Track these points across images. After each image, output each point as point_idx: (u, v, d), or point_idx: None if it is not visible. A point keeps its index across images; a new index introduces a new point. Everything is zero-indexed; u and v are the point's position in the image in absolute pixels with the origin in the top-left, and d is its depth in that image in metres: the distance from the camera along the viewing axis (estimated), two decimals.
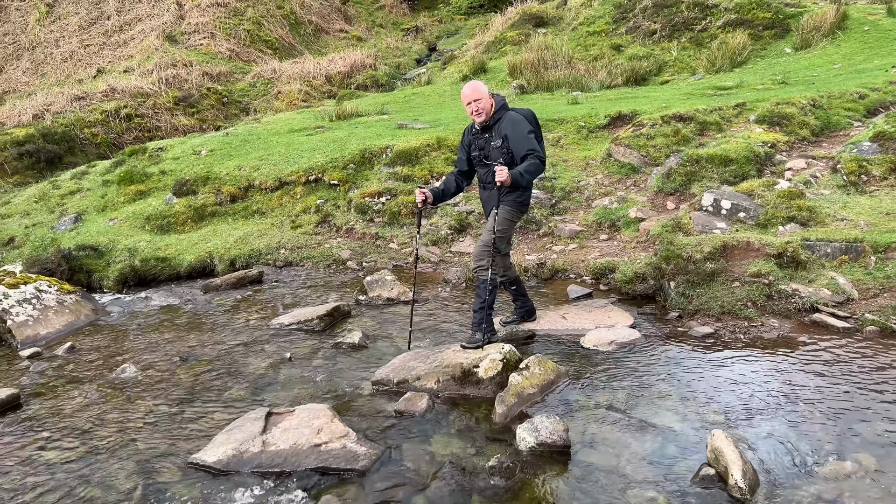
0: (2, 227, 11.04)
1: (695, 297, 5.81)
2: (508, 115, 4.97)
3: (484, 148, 5.05)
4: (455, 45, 24.81)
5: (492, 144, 4.98)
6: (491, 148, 4.99)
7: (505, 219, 5.09)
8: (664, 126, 9.34)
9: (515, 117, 4.95)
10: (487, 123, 4.98)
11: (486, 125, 4.99)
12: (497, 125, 4.96)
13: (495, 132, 4.97)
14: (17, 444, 4.41)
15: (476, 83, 4.99)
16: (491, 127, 4.99)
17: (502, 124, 4.94)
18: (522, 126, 4.91)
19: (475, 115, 4.95)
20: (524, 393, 4.44)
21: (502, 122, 4.94)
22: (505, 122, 4.93)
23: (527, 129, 4.91)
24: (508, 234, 5.28)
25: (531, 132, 4.93)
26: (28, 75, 24.71)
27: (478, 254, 5.13)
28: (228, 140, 12.91)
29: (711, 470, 3.48)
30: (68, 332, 6.79)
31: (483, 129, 5.02)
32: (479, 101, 4.88)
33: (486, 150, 5.03)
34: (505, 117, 4.96)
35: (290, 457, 3.92)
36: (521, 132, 4.88)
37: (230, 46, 24.80)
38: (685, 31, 16.47)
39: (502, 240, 5.17)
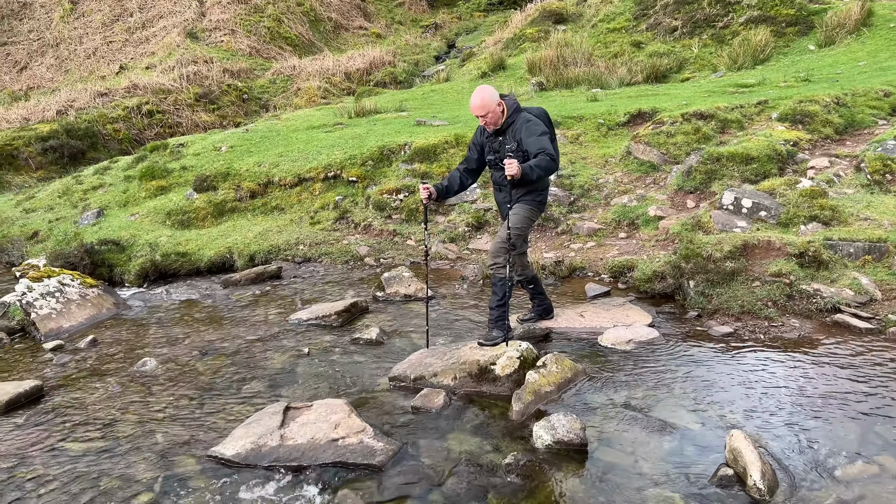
0: (26, 221, 11.21)
1: (714, 296, 5.77)
2: (521, 117, 4.89)
3: (499, 151, 4.99)
4: (474, 42, 24.77)
5: (507, 148, 4.91)
6: (506, 151, 4.90)
7: (523, 216, 5.05)
8: (685, 124, 9.27)
9: (529, 119, 4.88)
10: (501, 128, 4.93)
11: (500, 129, 4.94)
12: (511, 128, 4.90)
13: (510, 135, 4.91)
14: (40, 434, 4.48)
15: (484, 93, 4.82)
16: (505, 130, 4.93)
17: (516, 127, 4.87)
18: (535, 127, 4.85)
19: (486, 125, 4.93)
20: (541, 391, 4.44)
21: (516, 125, 4.87)
22: (519, 124, 4.86)
23: (540, 129, 4.85)
24: (525, 232, 5.22)
25: (544, 133, 4.85)
26: (52, 72, 25.04)
27: (494, 251, 5.08)
28: (248, 136, 12.99)
29: (730, 470, 3.46)
30: (90, 325, 6.88)
31: (496, 133, 4.97)
32: (486, 116, 4.84)
33: (500, 153, 4.96)
34: (518, 120, 4.88)
35: (307, 451, 3.95)
36: (534, 132, 4.82)
37: (250, 43, 24.96)
38: (707, 28, 16.30)
39: (519, 237, 5.12)
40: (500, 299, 5.07)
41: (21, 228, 10.85)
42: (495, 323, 5.07)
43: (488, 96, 4.81)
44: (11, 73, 25.66)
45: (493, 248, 5.14)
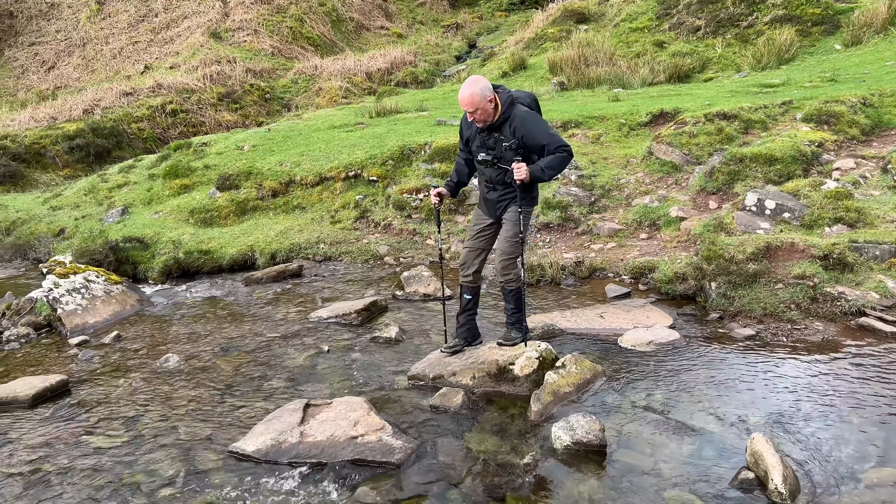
0: (53, 218, 11.39)
1: (736, 298, 5.71)
2: (518, 111, 4.38)
3: (493, 148, 4.47)
4: (495, 41, 24.75)
5: (504, 146, 4.41)
6: (503, 150, 4.43)
7: (523, 223, 4.65)
8: (707, 124, 9.18)
9: (528, 115, 4.40)
10: (494, 124, 4.40)
11: (494, 125, 4.41)
12: (508, 124, 4.38)
13: (507, 131, 4.39)
14: (65, 428, 4.56)
15: (474, 87, 4.22)
16: (500, 126, 4.41)
17: (515, 123, 4.36)
18: (541, 124, 4.42)
19: (475, 122, 4.41)
20: (560, 391, 4.43)
21: (514, 121, 4.36)
22: (517, 120, 4.36)
23: (546, 126, 4.45)
24: (525, 236, 4.80)
25: (549, 125, 4.48)
26: (79, 71, 25.43)
27: (503, 266, 4.71)
28: (270, 136, 13.10)
29: (751, 474, 3.43)
30: (115, 321, 6.98)
31: (490, 128, 4.43)
32: (475, 113, 4.30)
33: (496, 150, 4.46)
34: (516, 115, 4.36)
35: (326, 448, 3.98)
36: (543, 130, 4.38)
37: (273, 43, 25.15)
38: (730, 28, 16.14)
39: (519, 244, 4.71)
40: (515, 307, 4.86)
41: (48, 226, 11.04)
42: (513, 325, 4.94)
43: (478, 91, 4.22)
44: (39, 72, 26.10)
45: (499, 263, 4.73)
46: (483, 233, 4.86)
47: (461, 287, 4.99)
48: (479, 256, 4.89)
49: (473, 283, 4.94)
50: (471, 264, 4.89)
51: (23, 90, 25.03)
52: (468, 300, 4.99)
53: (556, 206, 8.38)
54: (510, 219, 4.66)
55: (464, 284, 4.95)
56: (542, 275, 7.06)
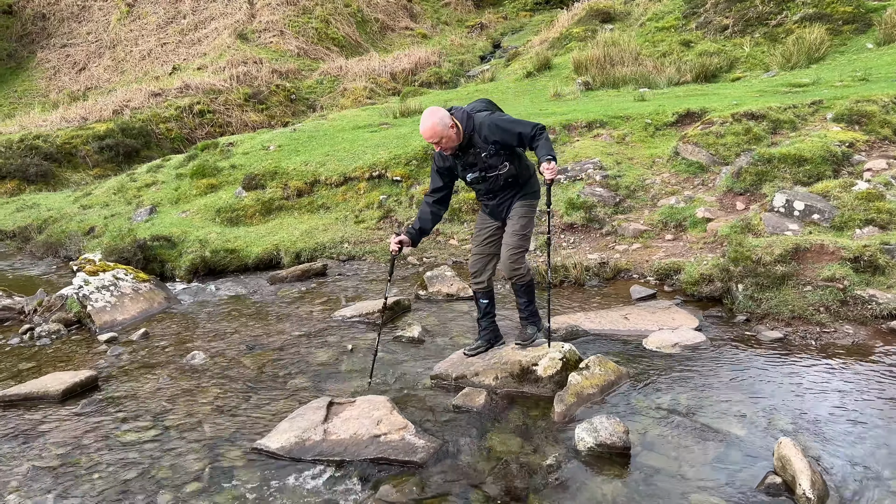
0: (83, 217, 11.60)
1: (764, 300, 5.64)
2: (479, 119, 4.42)
3: (476, 164, 4.47)
4: (519, 41, 24.69)
5: (483, 156, 4.42)
6: (486, 161, 4.44)
7: (529, 216, 4.66)
8: (735, 124, 9.07)
9: (488, 118, 4.42)
10: (463, 144, 4.41)
11: (463, 145, 4.43)
12: (477, 135, 4.39)
13: (479, 144, 4.40)
14: (94, 423, 4.64)
15: (433, 118, 4.26)
16: (469, 144, 4.42)
17: (483, 133, 4.38)
18: (503, 119, 4.44)
19: (443, 150, 4.45)
20: (584, 393, 4.40)
21: (481, 132, 4.38)
22: (484, 129, 4.38)
23: (508, 116, 4.48)
24: (531, 229, 4.76)
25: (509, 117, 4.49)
26: (109, 72, 25.86)
27: (512, 262, 4.63)
28: (296, 136, 13.21)
29: (778, 478, 3.38)
30: (142, 318, 7.09)
31: (461, 149, 4.45)
32: (440, 142, 4.34)
33: (478, 165, 4.47)
34: (479, 125, 4.39)
35: (349, 446, 4.00)
36: (510, 122, 4.40)
37: (299, 44, 25.36)
38: (759, 26, 15.92)
39: (528, 238, 4.72)
40: (528, 300, 4.86)
41: (78, 224, 11.24)
42: (527, 320, 4.89)
43: (439, 121, 4.26)
44: (71, 73, 26.59)
45: (507, 258, 4.64)
46: (491, 238, 4.82)
47: (475, 294, 4.98)
48: (491, 262, 4.86)
49: (487, 287, 4.91)
50: (483, 270, 4.85)
51: (55, 91, 25.53)
52: (486, 304, 4.97)
53: (581, 206, 8.34)
54: (517, 213, 4.63)
55: (477, 291, 4.93)
56: (565, 275, 7.02)
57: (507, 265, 4.66)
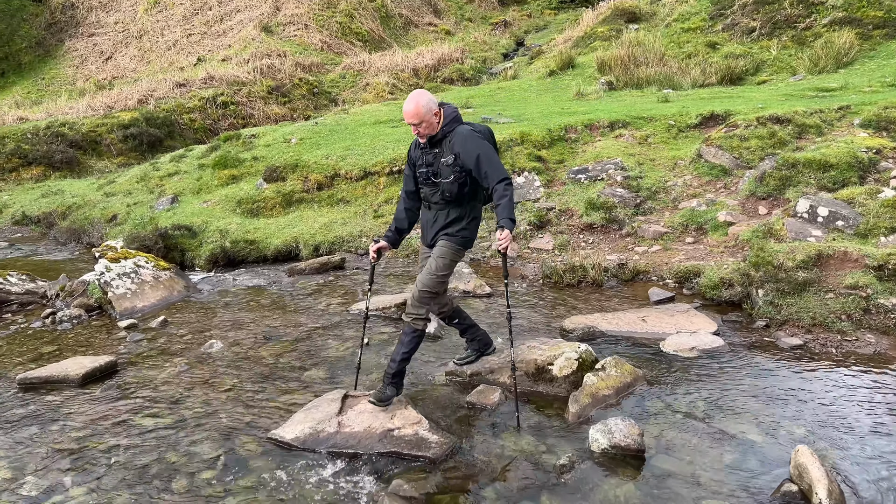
0: (107, 204, 11.74)
1: (784, 306, 5.57)
2: (461, 129, 4.22)
3: (432, 164, 4.28)
4: (543, 39, 24.58)
5: (442, 161, 4.22)
6: (441, 165, 4.23)
7: (450, 261, 4.32)
8: (759, 127, 8.97)
9: (471, 135, 4.19)
10: (436, 137, 4.24)
11: (435, 139, 4.25)
12: (448, 139, 4.22)
13: (446, 147, 4.22)
14: (112, 408, 4.70)
15: (419, 99, 4.13)
16: (441, 141, 4.25)
17: (454, 139, 4.19)
18: (484, 147, 4.16)
19: (419, 135, 4.25)
20: (599, 394, 4.38)
21: (454, 138, 4.20)
22: (457, 137, 4.18)
23: (491, 151, 4.20)
24: (448, 277, 4.42)
25: (492, 151, 4.22)
26: (135, 62, 26.13)
27: (418, 299, 4.28)
28: (317, 129, 13.26)
29: (794, 486, 3.34)
30: (162, 306, 7.16)
31: (431, 144, 4.28)
32: (419, 126, 4.16)
33: (434, 166, 4.27)
34: (457, 132, 4.20)
35: (363, 439, 4.02)
36: (487, 155, 4.12)
37: (322, 38, 25.44)
38: (787, 29, 15.71)
39: (442, 284, 4.36)
40: (407, 353, 4.35)
41: (101, 211, 11.38)
42: (391, 379, 4.32)
43: (423, 103, 4.12)
44: (98, 62, 26.90)
45: (417, 293, 4.30)
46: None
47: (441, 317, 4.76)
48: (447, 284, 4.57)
49: (446, 310, 4.68)
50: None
51: (81, 79, 25.84)
52: (455, 323, 4.77)
53: (601, 206, 8.29)
54: (437, 253, 4.33)
55: (442, 314, 4.71)
56: (583, 276, 6.99)
57: (411, 302, 4.31)
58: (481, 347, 4.87)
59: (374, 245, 4.48)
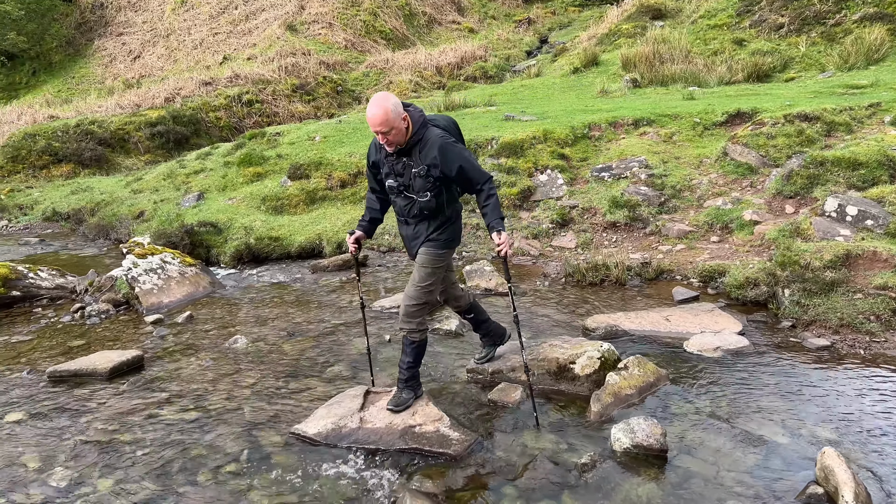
0: (134, 201, 11.92)
1: (811, 306, 5.49)
2: (431, 133, 3.87)
3: (402, 175, 3.94)
4: (567, 37, 24.44)
5: (413, 172, 3.88)
6: (413, 176, 3.90)
7: (433, 269, 4.11)
8: (787, 125, 8.84)
9: (446, 143, 3.87)
10: (404, 147, 3.87)
11: (403, 148, 3.88)
12: (419, 148, 3.85)
13: (417, 157, 3.86)
14: (139, 401, 4.78)
15: (386, 103, 3.67)
16: (411, 149, 3.87)
17: (427, 147, 3.84)
18: (463, 153, 3.91)
19: (387, 144, 3.82)
20: (621, 393, 4.36)
21: (426, 146, 3.84)
22: (431, 146, 3.83)
23: (468, 154, 3.95)
24: (437, 284, 4.22)
25: (470, 154, 3.98)
26: (162, 61, 26.46)
27: (409, 312, 4.11)
28: (341, 127, 13.33)
29: (819, 489, 3.30)
30: (187, 301, 7.26)
31: (399, 152, 3.89)
32: (388, 134, 3.73)
33: (404, 177, 3.94)
34: (428, 137, 3.85)
35: (384, 435, 4.04)
36: (468, 161, 3.89)
37: (346, 36, 25.56)
38: (816, 26, 15.45)
39: (430, 293, 4.17)
40: (413, 361, 4.26)
41: (129, 208, 11.55)
42: (405, 383, 4.28)
43: (392, 108, 3.68)
44: (126, 61, 27.29)
45: (405, 307, 4.13)
46: None
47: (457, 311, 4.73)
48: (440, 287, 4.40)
49: (460, 305, 4.63)
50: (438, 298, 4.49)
51: (110, 78, 26.24)
52: (471, 317, 4.72)
53: (625, 204, 8.23)
54: (420, 261, 4.11)
55: (458, 309, 4.67)
56: (606, 274, 6.95)
57: (402, 316, 4.16)
58: (496, 339, 4.88)
59: (352, 237, 4.25)
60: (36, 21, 27.70)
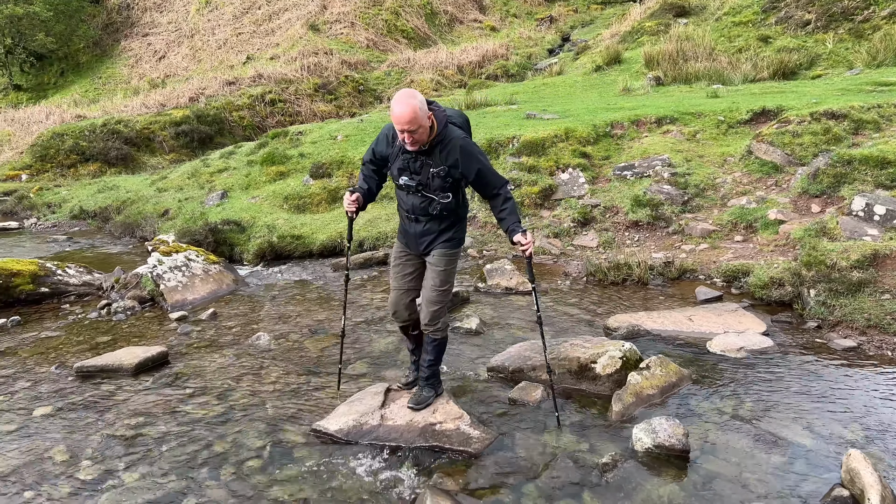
0: (159, 199, 12.07)
1: (837, 307, 5.42)
2: (454, 135, 3.78)
3: (419, 173, 3.83)
4: (589, 35, 24.30)
5: (432, 172, 3.79)
6: (431, 175, 3.80)
7: (452, 269, 4.08)
8: (813, 123, 8.71)
9: (468, 145, 3.83)
10: (425, 147, 3.76)
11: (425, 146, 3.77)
12: (440, 148, 3.76)
13: (438, 157, 3.77)
14: (164, 396, 4.85)
15: (414, 101, 3.54)
16: (431, 149, 3.77)
17: (448, 149, 3.75)
18: (483, 159, 3.86)
19: (410, 144, 3.69)
20: (643, 393, 4.34)
21: (448, 146, 3.75)
22: (451, 146, 3.75)
23: (487, 159, 3.92)
24: (453, 281, 4.20)
25: (487, 158, 3.95)
26: (186, 61, 26.77)
27: (433, 314, 4.04)
28: (363, 126, 13.39)
29: (845, 492, 3.25)
30: (211, 299, 7.34)
31: (419, 151, 3.77)
32: (414, 133, 3.60)
33: (421, 175, 3.83)
34: (451, 140, 3.76)
35: (405, 433, 4.05)
36: (488, 167, 3.87)
37: (368, 36, 25.65)
38: (843, 22, 15.20)
39: (450, 291, 4.13)
40: (434, 360, 4.24)
41: (154, 206, 11.70)
42: (426, 381, 4.28)
43: (419, 105, 3.55)
44: (151, 61, 27.65)
45: (429, 311, 4.05)
46: (409, 272, 4.20)
47: (400, 328, 4.41)
48: (411, 298, 4.25)
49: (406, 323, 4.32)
50: (402, 311, 4.23)
51: (136, 78, 26.61)
52: (417, 334, 4.37)
53: (647, 203, 8.18)
54: (437, 263, 4.03)
55: (402, 326, 4.37)
56: (628, 274, 6.91)
57: (426, 320, 4.09)
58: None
59: (353, 195, 3.98)
60: (64, 22, 28.17)
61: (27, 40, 27.28)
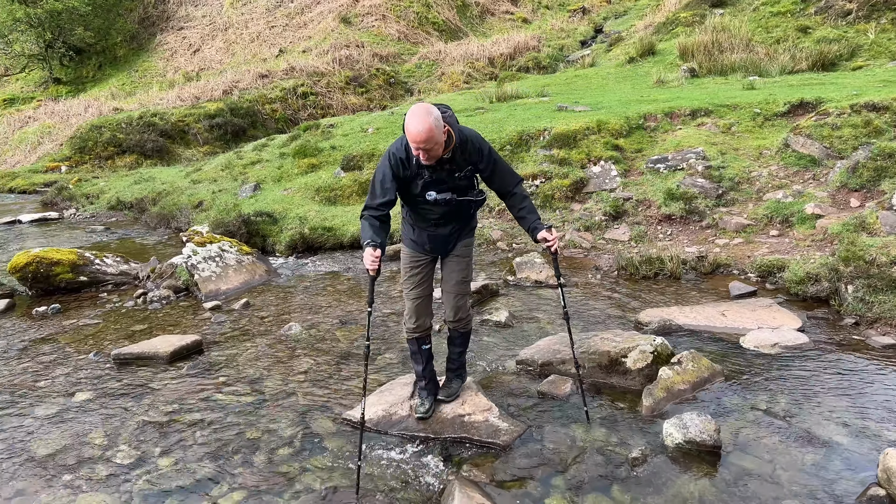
0: (193, 191, 12.26)
1: (876, 303, 5.29)
2: (467, 134, 3.75)
3: (446, 182, 3.74)
4: (623, 26, 24.01)
5: (456, 177, 3.75)
6: (457, 181, 3.76)
7: (472, 256, 4.21)
8: (853, 115, 8.50)
9: (475, 136, 3.81)
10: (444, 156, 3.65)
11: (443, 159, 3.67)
12: (460, 150, 3.70)
13: (459, 160, 3.71)
14: (198, 384, 4.94)
15: (426, 116, 3.42)
16: (453, 156, 3.69)
17: (468, 149, 3.72)
18: (492, 152, 3.85)
19: (426, 159, 3.57)
20: (674, 388, 4.30)
21: (467, 146, 3.71)
22: (469, 144, 3.73)
23: (496, 153, 3.89)
24: None
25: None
26: (220, 54, 27.09)
27: (461, 305, 4.11)
28: (393, 119, 13.43)
29: (881, 491, 3.19)
30: (244, 289, 7.45)
31: (439, 161, 3.66)
32: (430, 149, 3.49)
33: (449, 184, 3.74)
34: (467, 138, 3.73)
35: (434, 423, 4.08)
36: (504, 163, 3.90)
37: (399, 28, 25.68)
38: (886, 11, 14.79)
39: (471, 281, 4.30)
40: (463, 350, 4.33)
41: (189, 198, 11.89)
42: (454, 373, 4.35)
43: (434, 122, 3.43)
44: (186, 55, 28.04)
45: (457, 303, 4.10)
46: (424, 276, 4.09)
47: (417, 340, 4.14)
48: (429, 302, 4.16)
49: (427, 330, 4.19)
50: (425, 318, 4.13)
51: (171, 71, 27.01)
52: (428, 347, 4.22)
53: (680, 197, 8.07)
54: (464, 254, 4.07)
55: (420, 336, 4.14)
56: (660, 268, 6.84)
57: (455, 313, 4.12)
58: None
59: (375, 249, 3.63)
60: (102, 16, 28.72)
61: (66, 35, 27.88)
